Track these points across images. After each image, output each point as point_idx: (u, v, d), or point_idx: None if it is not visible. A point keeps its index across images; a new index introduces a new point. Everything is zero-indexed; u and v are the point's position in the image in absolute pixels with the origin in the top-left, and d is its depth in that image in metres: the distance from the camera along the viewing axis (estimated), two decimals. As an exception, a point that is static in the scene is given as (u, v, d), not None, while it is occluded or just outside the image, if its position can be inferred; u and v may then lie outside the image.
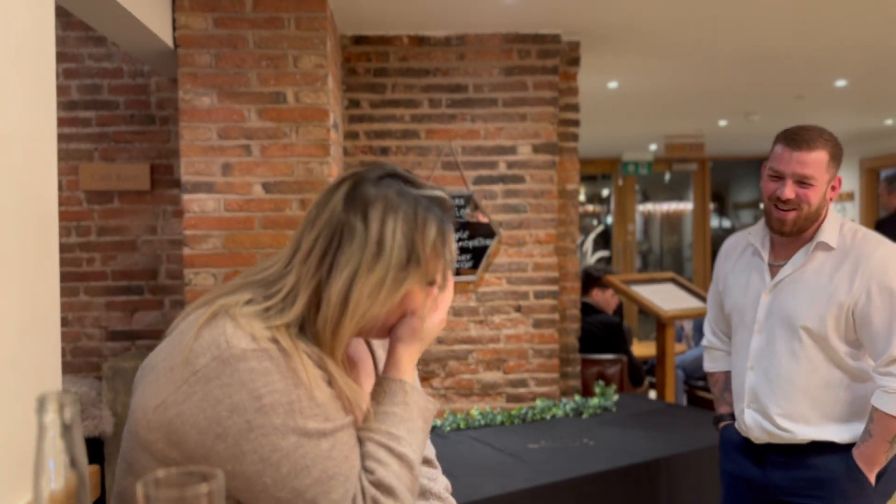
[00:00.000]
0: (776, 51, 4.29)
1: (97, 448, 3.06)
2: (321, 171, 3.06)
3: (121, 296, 3.61)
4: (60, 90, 3.52)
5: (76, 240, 3.58)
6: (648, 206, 10.85)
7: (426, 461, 1.28)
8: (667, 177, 10.23)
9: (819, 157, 1.85)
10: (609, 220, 9.89)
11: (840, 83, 5.25)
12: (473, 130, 3.73)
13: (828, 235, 1.90)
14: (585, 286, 4.68)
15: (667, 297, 4.28)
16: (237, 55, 3.02)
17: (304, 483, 0.96)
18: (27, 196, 1.38)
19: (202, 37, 3.00)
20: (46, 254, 1.45)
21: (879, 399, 1.80)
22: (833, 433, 1.89)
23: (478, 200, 3.70)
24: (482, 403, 3.73)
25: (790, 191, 1.85)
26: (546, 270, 3.78)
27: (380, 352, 1.23)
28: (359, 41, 3.70)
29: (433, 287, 1.09)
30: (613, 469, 2.64)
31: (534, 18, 3.56)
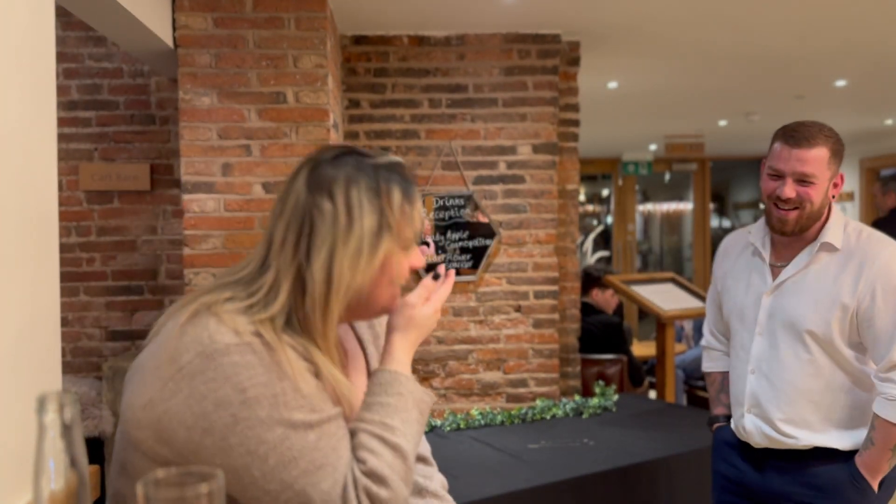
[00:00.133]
0: (776, 51, 4.28)
1: (97, 448, 3.06)
2: (321, 171, 3.05)
3: (121, 296, 3.61)
4: (60, 90, 3.51)
5: (76, 240, 3.58)
6: (648, 206, 10.85)
7: (421, 459, 1.27)
8: (667, 177, 10.23)
9: (819, 154, 1.78)
10: (609, 220, 9.89)
11: (840, 83, 5.25)
12: (473, 130, 3.73)
13: (832, 236, 1.82)
14: (585, 286, 4.68)
15: (667, 297, 4.28)
16: (237, 55, 3.02)
17: (293, 474, 0.96)
18: (27, 196, 1.38)
19: (202, 37, 3.00)
20: (46, 254, 1.45)
21: (881, 406, 1.75)
22: (836, 440, 1.84)
23: (478, 200, 3.70)
24: (482, 403, 3.73)
25: (790, 189, 1.78)
26: (546, 270, 3.78)
27: (371, 348, 1.24)
28: (359, 41, 3.70)
29: (410, 251, 1.11)
30: (613, 469, 2.64)
31: (534, 18, 3.56)
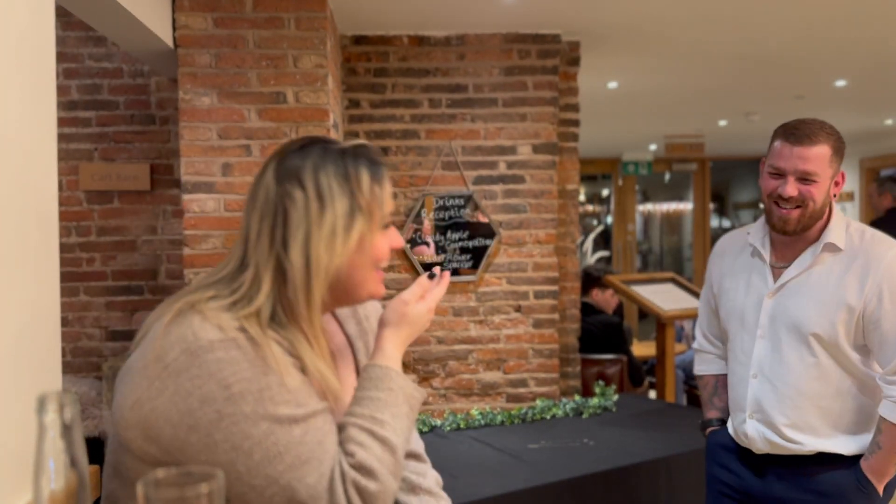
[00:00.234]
0: (776, 51, 4.28)
1: (97, 448, 3.06)
2: (321, 171, 3.05)
3: (121, 296, 3.61)
4: (60, 90, 3.51)
5: (76, 240, 3.58)
6: (648, 206, 10.85)
7: (414, 456, 1.26)
8: (667, 177, 10.23)
9: (821, 152, 1.74)
10: (609, 220, 9.89)
11: (840, 83, 5.25)
12: (473, 130, 3.72)
13: (835, 236, 1.79)
14: (585, 286, 4.68)
15: (667, 297, 4.28)
16: (237, 55, 3.01)
17: (278, 469, 0.96)
18: (27, 196, 1.38)
19: (202, 37, 3.00)
20: (46, 254, 1.45)
21: (888, 409, 1.72)
22: (840, 445, 1.81)
23: (478, 200, 3.70)
24: (482, 403, 3.73)
25: (792, 188, 1.75)
26: (546, 270, 3.77)
27: (359, 344, 1.24)
28: (359, 41, 3.70)
29: (387, 232, 1.12)
30: (613, 469, 2.64)
31: (534, 18, 3.56)
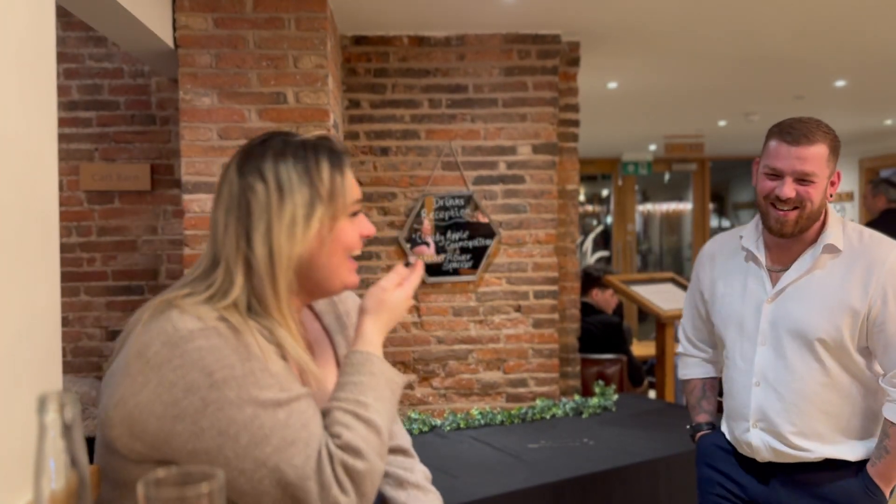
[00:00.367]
0: (776, 51, 4.28)
1: (97, 448, 3.06)
2: (321, 172, 3.05)
3: (121, 296, 3.61)
4: (61, 90, 3.52)
5: (76, 240, 3.58)
6: (648, 206, 10.86)
7: (401, 451, 1.28)
8: (666, 177, 10.23)
9: (819, 152, 1.70)
10: (609, 220, 9.89)
11: (840, 83, 5.25)
12: (473, 130, 3.73)
13: (834, 237, 1.75)
14: (585, 286, 4.68)
15: (666, 297, 4.28)
16: (237, 55, 3.02)
17: (265, 452, 0.97)
18: (28, 196, 1.38)
19: (202, 37, 3.00)
20: (47, 254, 1.45)
21: (893, 413, 1.69)
22: (847, 451, 1.78)
23: (478, 200, 3.70)
24: (482, 403, 3.73)
25: (790, 189, 1.70)
26: (546, 270, 3.78)
27: (338, 338, 1.26)
28: (359, 41, 3.70)
29: (356, 220, 1.14)
30: (613, 469, 2.64)
31: (534, 18, 3.56)
